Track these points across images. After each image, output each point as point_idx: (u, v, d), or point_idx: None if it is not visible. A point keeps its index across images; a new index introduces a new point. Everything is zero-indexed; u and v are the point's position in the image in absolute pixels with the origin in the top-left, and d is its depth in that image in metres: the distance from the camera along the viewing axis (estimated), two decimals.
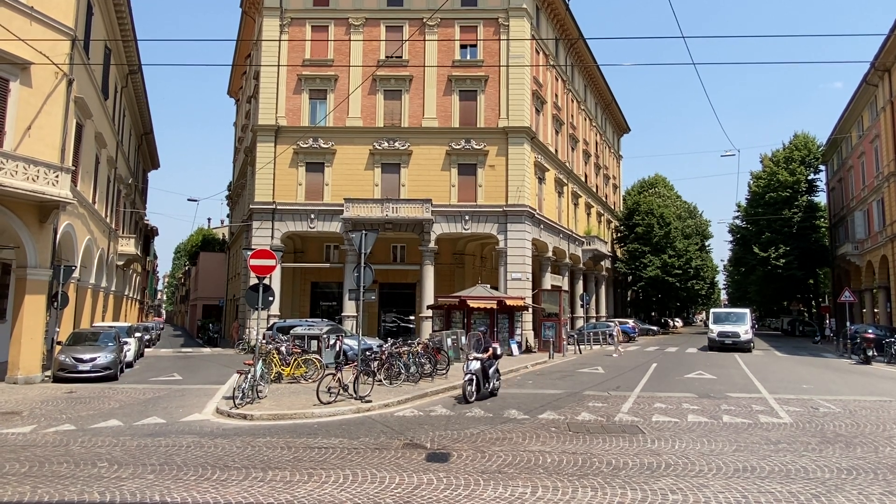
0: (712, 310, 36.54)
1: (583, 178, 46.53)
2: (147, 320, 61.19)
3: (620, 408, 13.19)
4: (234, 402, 12.80)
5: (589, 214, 48.66)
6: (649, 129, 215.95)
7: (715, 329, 31.20)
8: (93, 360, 18.03)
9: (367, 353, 17.27)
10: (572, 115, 44.13)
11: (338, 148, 32.83)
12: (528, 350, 29.55)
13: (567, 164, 41.64)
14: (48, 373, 18.22)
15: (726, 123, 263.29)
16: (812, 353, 31.10)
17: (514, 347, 27.33)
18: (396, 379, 16.49)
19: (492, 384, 14.84)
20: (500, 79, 33.29)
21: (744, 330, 30.46)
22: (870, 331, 28.49)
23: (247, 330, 32.13)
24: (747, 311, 33.24)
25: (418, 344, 19.12)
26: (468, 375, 14.06)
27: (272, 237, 31.98)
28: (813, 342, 40.83)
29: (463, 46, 33.92)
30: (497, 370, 15.31)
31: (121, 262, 36.84)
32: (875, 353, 26.03)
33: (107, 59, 26.45)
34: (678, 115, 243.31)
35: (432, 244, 32.22)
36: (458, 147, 32.85)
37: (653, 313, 66.45)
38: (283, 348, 18.08)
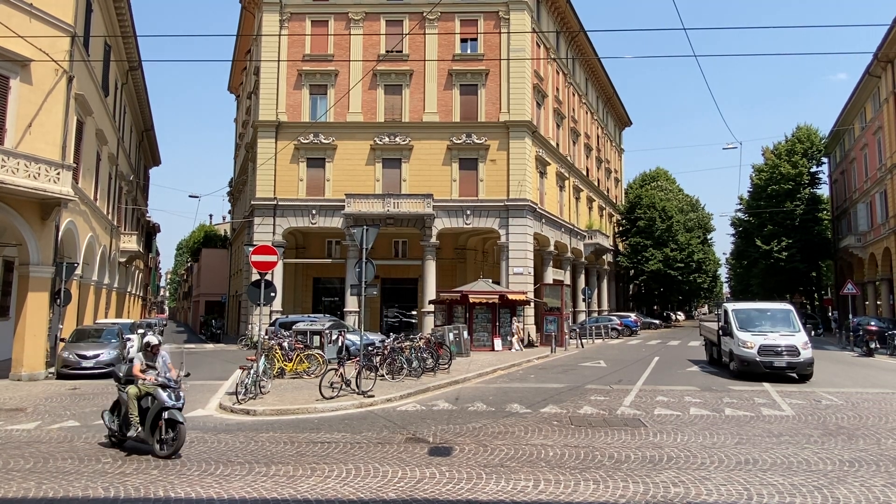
0: (732, 307, 19.20)
1: (584, 172, 46.44)
2: (150, 317, 61.35)
3: (622, 401, 13.20)
4: (237, 397, 12.85)
5: (591, 208, 48.59)
6: (651, 122, 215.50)
7: (751, 341, 17.06)
8: (96, 356, 18.08)
9: (370, 348, 17.29)
10: (573, 109, 44.00)
11: (338, 143, 32.80)
12: (531, 344, 29.57)
13: (568, 158, 41.55)
14: (52, 370, 18.27)
15: (728, 116, 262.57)
16: (814, 346, 30.89)
17: (516, 342, 27.35)
18: (399, 374, 16.53)
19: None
20: (500, 73, 33.18)
21: (802, 342, 17.05)
22: (872, 323, 28.45)
23: (249, 326, 32.19)
24: (790, 307, 19.36)
25: (420, 339, 19.14)
26: None
27: (274, 233, 31.99)
28: (815, 335, 40.80)
29: (463, 40, 33.81)
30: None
31: (123, 259, 36.90)
32: (878, 346, 26.01)
33: (107, 55, 26.42)
34: (680, 108, 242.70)
35: (434, 239, 32.21)
36: (458, 141, 32.79)
37: (655, 307, 66.41)
38: (285, 344, 18.10)
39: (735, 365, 17.48)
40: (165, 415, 8.69)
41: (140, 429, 8.85)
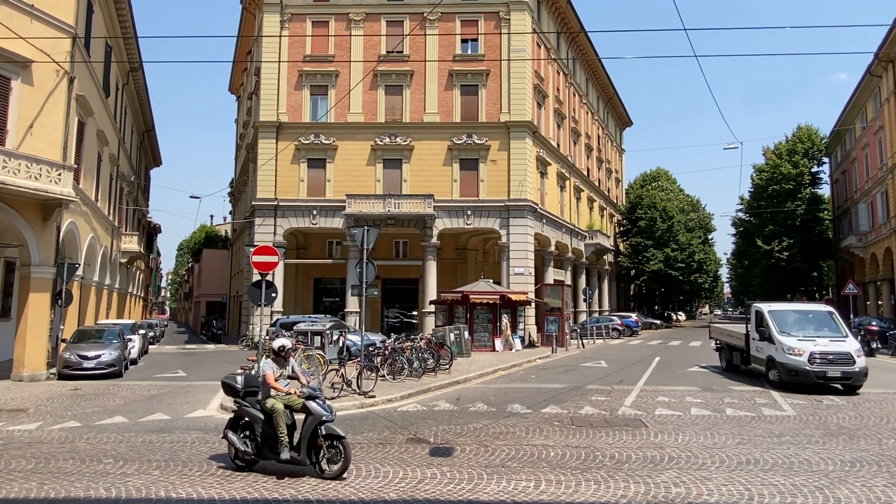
0: (767, 307, 16.79)
1: (585, 173, 46.43)
2: (151, 317, 61.38)
3: (623, 401, 13.19)
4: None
5: (591, 208, 48.58)
6: (652, 122, 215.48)
7: (800, 348, 14.92)
8: (97, 357, 18.09)
9: (371, 348, 17.29)
10: (574, 109, 44.00)
11: (339, 144, 32.81)
12: (532, 345, 29.57)
13: (569, 159, 41.55)
14: (53, 370, 18.30)
15: (729, 116, 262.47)
16: None
17: (517, 342, 27.36)
18: (399, 374, 16.53)
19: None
20: (501, 73, 33.19)
21: (855, 348, 15.12)
22: (874, 323, 28.45)
23: (250, 326, 32.21)
24: (831, 308, 17.61)
25: (421, 339, 19.14)
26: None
27: (275, 234, 32.01)
28: None
29: (464, 41, 33.83)
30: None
31: (124, 260, 36.93)
32: (879, 346, 26.01)
33: (108, 56, 26.45)
34: (680, 108, 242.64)
35: (434, 239, 32.21)
36: (459, 142, 32.79)
37: (656, 307, 66.37)
38: None
39: (778, 374, 15.22)
40: (323, 430, 7.44)
41: (287, 449, 7.57)
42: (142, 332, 27.05)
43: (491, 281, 29.97)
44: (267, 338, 18.59)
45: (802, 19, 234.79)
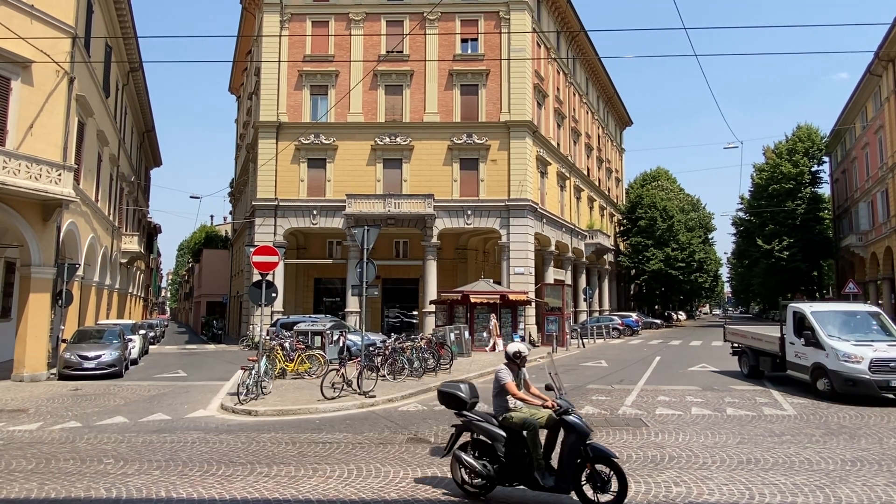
0: (809, 308, 15.02)
1: (585, 172, 46.42)
2: (151, 317, 61.39)
3: (624, 401, 13.19)
4: (238, 398, 12.86)
5: (591, 208, 48.58)
6: (652, 122, 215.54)
7: (858, 354, 13.13)
8: (98, 357, 18.10)
9: (371, 348, 17.29)
10: (574, 109, 43.99)
11: (339, 144, 32.81)
12: (532, 344, 29.55)
13: (569, 158, 41.54)
14: (54, 370, 18.30)
15: (729, 115, 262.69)
16: None
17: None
18: (400, 374, 16.53)
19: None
20: (501, 73, 33.19)
21: None
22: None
23: (250, 326, 32.21)
24: (878, 308, 16.23)
25: (421, 339, 19.15)
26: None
27: (275, 234, 32.01)
28: None
29: (464, 40, 33.83)
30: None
31: (124, 260, 36.93)
32: None
33: (108, 56, 26.45)
34: (680, 108, 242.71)
35: (434, 239, 32.21)
36: (459, 142, 32.79)
37: (656, 307, 66.35)
38: (286, 344, 18.13)
39: (829, 384, 13.38)
40: (589, 450, 6.15)
41: (548, 473, 6.33)
42: (142, 332, 27.06)
43: (491, 281, 29.97)
44: (267, 338, 18.57)
45: (802, 19, 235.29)
